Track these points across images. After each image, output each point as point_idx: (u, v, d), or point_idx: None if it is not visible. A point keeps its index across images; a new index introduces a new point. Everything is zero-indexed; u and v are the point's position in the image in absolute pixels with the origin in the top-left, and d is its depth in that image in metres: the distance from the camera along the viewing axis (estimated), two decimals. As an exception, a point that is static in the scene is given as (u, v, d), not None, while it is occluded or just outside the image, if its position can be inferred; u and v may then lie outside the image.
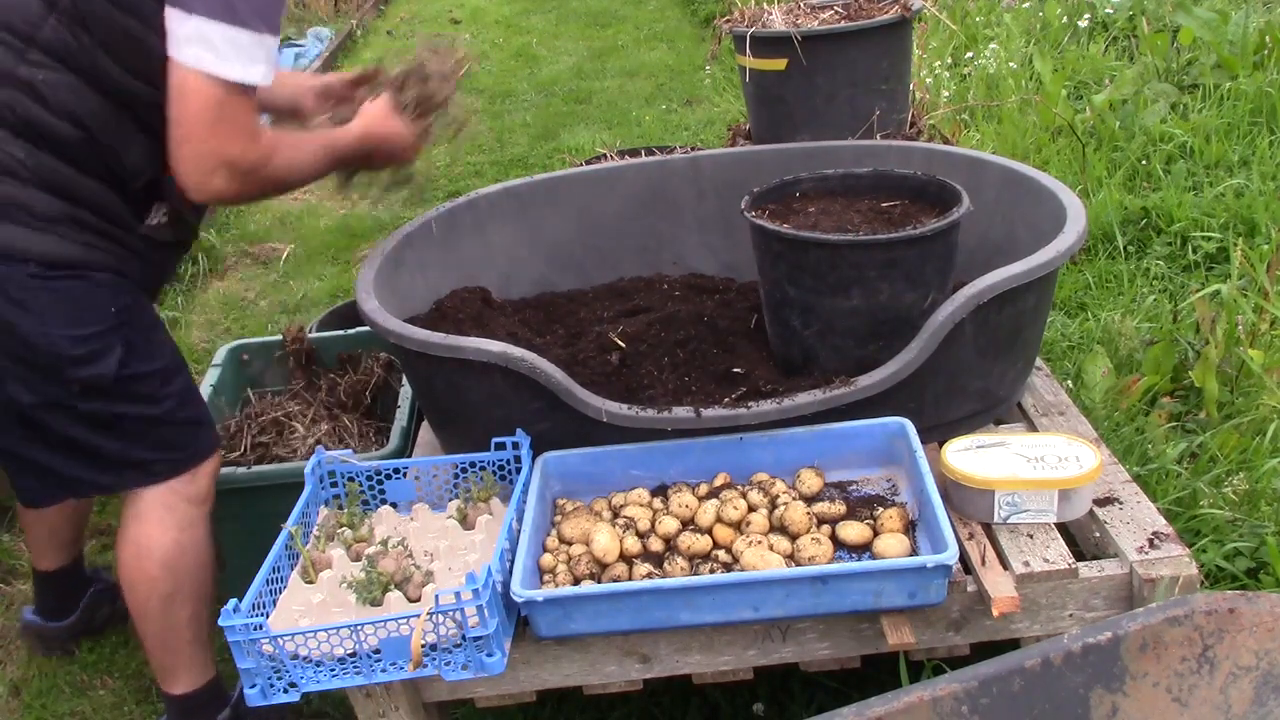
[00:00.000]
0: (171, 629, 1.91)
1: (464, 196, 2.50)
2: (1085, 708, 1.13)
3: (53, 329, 1.72)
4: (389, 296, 2.06)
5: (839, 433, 1.81)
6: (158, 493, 1.89)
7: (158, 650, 1.95)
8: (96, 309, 1.77)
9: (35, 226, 1.70)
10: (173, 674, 1.97)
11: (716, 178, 2.47)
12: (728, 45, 3.47)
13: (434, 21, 8.32)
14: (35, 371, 1.75)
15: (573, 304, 2.39)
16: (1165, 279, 3.17)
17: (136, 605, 1.92)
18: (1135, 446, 2.34)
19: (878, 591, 1.53)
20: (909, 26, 2.81)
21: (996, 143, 3.95)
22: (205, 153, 1.68)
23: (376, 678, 1.55)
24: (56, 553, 2.26)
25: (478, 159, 5.36)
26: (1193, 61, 4.32)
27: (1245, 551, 2.07)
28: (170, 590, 1.89)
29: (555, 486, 1.86)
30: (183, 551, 1.90)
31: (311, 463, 1.89)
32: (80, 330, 1.74)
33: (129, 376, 1.80)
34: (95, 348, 1.76)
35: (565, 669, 1.68)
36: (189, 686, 1.97)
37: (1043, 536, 1.67)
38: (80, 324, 1.74)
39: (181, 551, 1.90)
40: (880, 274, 1.79)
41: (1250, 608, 1.12)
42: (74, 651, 2.36)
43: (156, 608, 1.90)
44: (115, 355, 1.77)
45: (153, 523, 1.88)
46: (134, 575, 1.90)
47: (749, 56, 2.80)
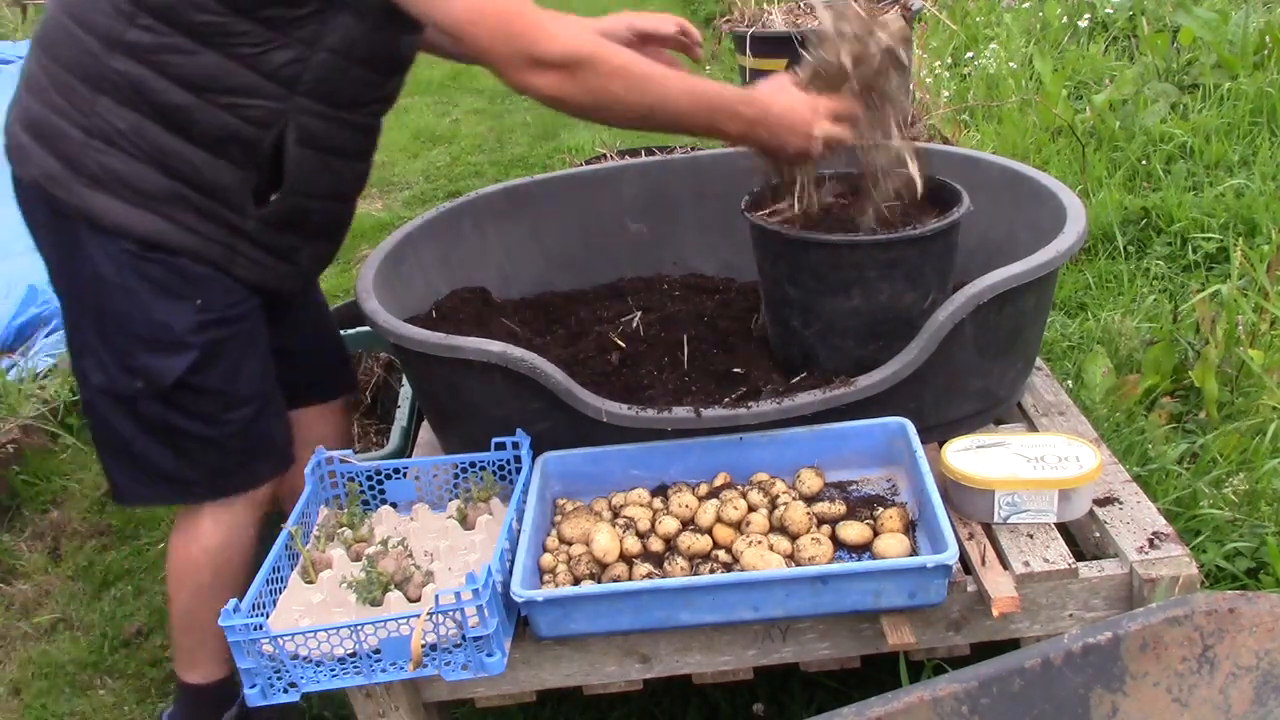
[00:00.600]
0: (200, 618, 1.90)
1: (464, 196, 2.50)
2: (1085, 708, 1.13)
3: (133, 312, 1.69)
4: (389, 296, 2.06)
5: (839, 433, 1.81)
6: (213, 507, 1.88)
7: (183, 636, 1.95)
8: (181, 303, 1.71)
9: (136, 202, 1.65)
10: (191, 662, 1.96)
11: (716, 178, 2.47)
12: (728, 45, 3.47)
13: (434, 21, 8.31)
14: (107, 351, 1.71)
15: (573, 304, 2.39)
16: (1165, 279, 3.17)
17: (172, 589, 1.92)
18: (1135, 446, 2.34)
19: (878, 591, 1.53)
20: (909, 27, 2.81)
21: (996, 143, 3.95)
22: (501, 54, 1.55)
23: (376, 678, 1.55)
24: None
25: (478, 159, 5.37)
26: (1193, 61, 4.32)
27: (1245, 551, 2.07)
28: (209, 582, 1.88)
29: (555, 486, 1.86)
30: (229, 549, 1.89)
31: (311, 463, 1.89)
32: (159, 318, 1.69)
33: (192, 387, 1.74)
34: (168, 341, 1.70)
35: (565, 669, 1.68)
36: (204, 678, 1.97)
37: (1043, 536, 1.67)
38: (161, 312, 1.69)
39: (228, 548, 1.89)
40: (880, 274, 1.79)
41: (1250, 608, 1.12)
42: None
43: (190, 595, 1.89)
44: (185, 359, 1.71)
45: (206, 517, 1.87)
46: (179, 559, 1.89)
47: (749, 56, 2.80)
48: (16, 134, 1.73)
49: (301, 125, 1.69)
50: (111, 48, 1.62)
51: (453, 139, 5.72)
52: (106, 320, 1.71)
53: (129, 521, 2.87)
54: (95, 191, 1.65)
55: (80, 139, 1.65)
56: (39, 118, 1.69)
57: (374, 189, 5.13)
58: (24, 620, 2.56)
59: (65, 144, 1.66)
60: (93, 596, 2.63)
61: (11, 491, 2.97)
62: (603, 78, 1.58)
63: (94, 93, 1.64)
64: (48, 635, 2.52)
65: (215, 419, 1.80)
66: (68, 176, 1.66)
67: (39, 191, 1.70)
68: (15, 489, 2.97)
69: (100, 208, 1.66)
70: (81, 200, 1.66)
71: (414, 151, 5.60)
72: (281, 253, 1.81)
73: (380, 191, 5.12)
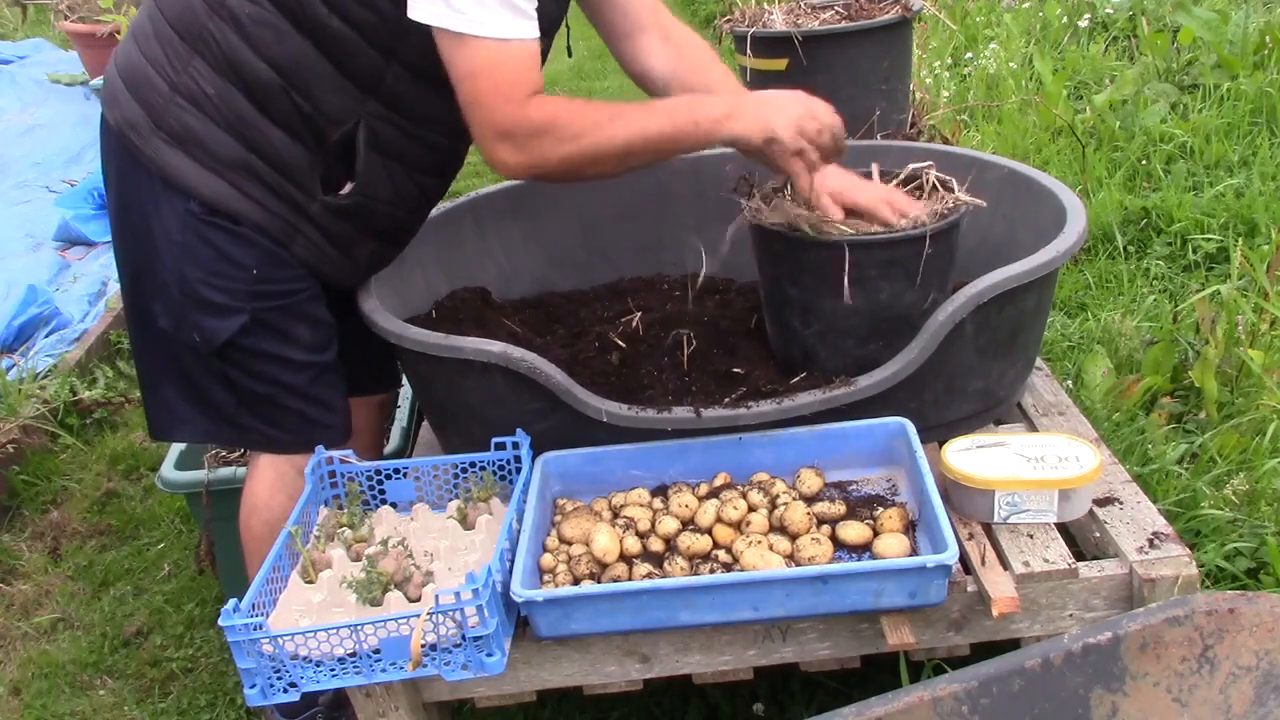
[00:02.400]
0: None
1: (464, 196, 2.50)
2: (1085, 708, 1.13)
3: (189, 271, 1.71)
4: (389, 296, 2.06)
5: (839, 433, 1.81)
6: (271, 459, 1.90)
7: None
8: (239, 268, 1.72)
9: (208, 165, 1.68)
10: None
11: (716, 178, 2.47)
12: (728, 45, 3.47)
13: (434, 21, 8.31)
14: (170, 303, 1.75)
15: (573, 304, 2.39)
16: (1165, 279, 3.17)
17: (247, 556, 1.94)
18: (1135, 446, 2.34)
19: (878, 591, 1.53)
20: (909, 26, 2.81)
21: (996, 143, 3.95)
22: (478, 119, 1.63)
23: (376, 678, 1.55)
24: None
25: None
26: (1193, 61, 4.32)
27: (1245, 551, 2.07)
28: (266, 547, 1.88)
29: (555, 486, 1.86)
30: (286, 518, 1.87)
31: (311, 463, 1.89)
32: (214, 281, 1.72)
33: (246, 350, 1.77)
34: (220, 304, 1.73)
35: (565, 669, 1.68)
36: None
37: (1043, 536, 1.67)
38: (217, 275, 1.71)
39: (285, 517, 1.87)
40: (880, 273, 1.79)
41: (1250, 608, 1.12)
42: None
43: (255, 564, 1.89)
44: (237, 321, 1.73)
45: (264, 484, 1.90)
46: (243, 530, 1.93)
47: (749, 56, 2.80)
48: (113, 77, 1.77)
49: (372, 129, 1.72)
50: (214, 10, 1.65)
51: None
52: (167, 273, 1.73)
53: (129, 521, 2.87)
54: (172, 148, 1.69)
55: (166, 93, 1.68)
56: (135, 64, 1.72)
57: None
58: (24, 620, 2.56)
59: (152, 95, 1.69)
60: (93, 596, 2.63)
61: (11, 491, 2.97)
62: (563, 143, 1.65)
63: (190, 52, 1.67)
64: (48, 635, 2.52)
65: (270, 378, 1.83)
66: (149, 128, 1.69)
67: (119, 138, 1.73)
68: (15, 489, 2.97)
69: (173, 165, 1.69)
70: (156, 153, 1.69)
71: (414, 151, 5.60)
72: (341, 243, 1.84)
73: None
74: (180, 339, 1.77)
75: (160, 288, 1.76)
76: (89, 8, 4.95)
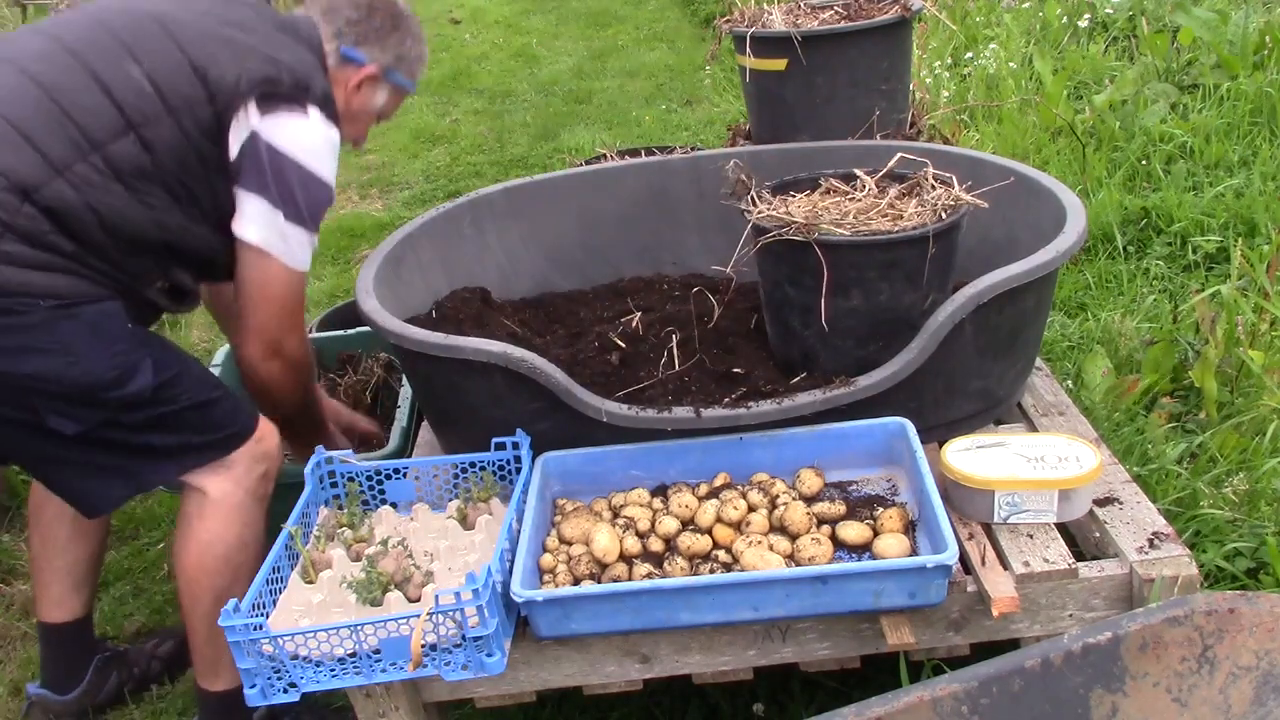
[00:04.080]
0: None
1: (464, 196, 2.50)
2: (1085, 708, 1.13)
3: (83, 359, 1.73)
4: (389, 296, 2.06)
5: (839, 433, 1.81)
6: (225, 489, 1.89)
7: (205, 645, 1.94)
8: (117, 329, 1.78)
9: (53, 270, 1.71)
10: (214, 670, 1.96)
11: (716, 178, 2.47)
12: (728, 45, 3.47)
13: (434, 21, 8.32)
14: (73, 404, 1.75)
15: (573, 304, 2.39)
16: (1165, 279, 3.17)
17: (192, 599, 1.91)
18: (1135, 446, 2.34)
19: (878, 591, 1.53)
20: (909, 26, 2.81)
21: (996, 143, 3.95)
22: (270, 338, 1.91)
23: (376, 678, 1.55)
24: (69, 596, 2.14)
25: (478, 159, 5.37)
26: (1193, 61, 4.32)
27: (1245, 551, 2.07)
28: (227, 584, 1.88)
29: (555, 486, 1.86)
30: (244, 547, 1.90)
31: (311, 463, 1.89)
32: (109, 351, 1.75)
33: (164, 384, 1.81)
34: (128, 365, 1.76)
35: (565, 669, 1.68)
36: (230, 684, 1.96)
37: (1043, 536, 1.67)
38: (108, 345, 1.75)
39: (243, 546, 1.90)
40: (880, 274, 1.79)
41: (1250, 608, 1.12)
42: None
43: (211, 602, 1.88)
44: (149, 369, 1.78)
45: (218, 519, 1.89)
46: (194, 570, 1.90)
47: (749, 56, 2.80)
48: None
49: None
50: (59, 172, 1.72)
51: (453, 139, 5.72)
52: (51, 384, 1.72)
53: (129, 522, 2.87)
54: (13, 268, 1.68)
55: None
56: None
57: (374, 189, 5.13)
58: (24, 620, 2.55)
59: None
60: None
61: (11, 491, 2.96)
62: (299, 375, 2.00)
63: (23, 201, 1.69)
64: (48, 635, 2.51)
65: (191, 390, 1.86)
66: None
67: None
68: (15, 489, 2.97)
69: (19, 280, 1.68)
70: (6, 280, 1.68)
71: (414, 151, 5.60)
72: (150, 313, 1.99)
73: (380, 191, 5.12)
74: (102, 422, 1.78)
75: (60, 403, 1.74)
76: (89, 8, 4.96)
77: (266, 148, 1.80)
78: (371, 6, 2.03)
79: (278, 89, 1.81)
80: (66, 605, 2.15)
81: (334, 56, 1.99)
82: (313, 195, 1.86)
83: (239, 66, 1.79)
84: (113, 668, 2.24)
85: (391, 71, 2.06)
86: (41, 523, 2.13)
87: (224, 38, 1.83)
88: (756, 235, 1.88)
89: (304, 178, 1.84)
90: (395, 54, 2.05)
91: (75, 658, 2.20)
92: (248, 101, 1.79)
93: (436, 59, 7.26)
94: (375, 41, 2.02)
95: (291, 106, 1.82)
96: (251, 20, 1.89)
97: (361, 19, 2.01)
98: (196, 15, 1.86)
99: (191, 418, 1.86)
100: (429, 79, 6.74)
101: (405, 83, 2.10)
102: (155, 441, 1.84)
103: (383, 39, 2.03)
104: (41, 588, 2.15)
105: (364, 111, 2.06)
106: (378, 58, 2.03)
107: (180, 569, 1.92)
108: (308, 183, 1.84)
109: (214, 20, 1.86)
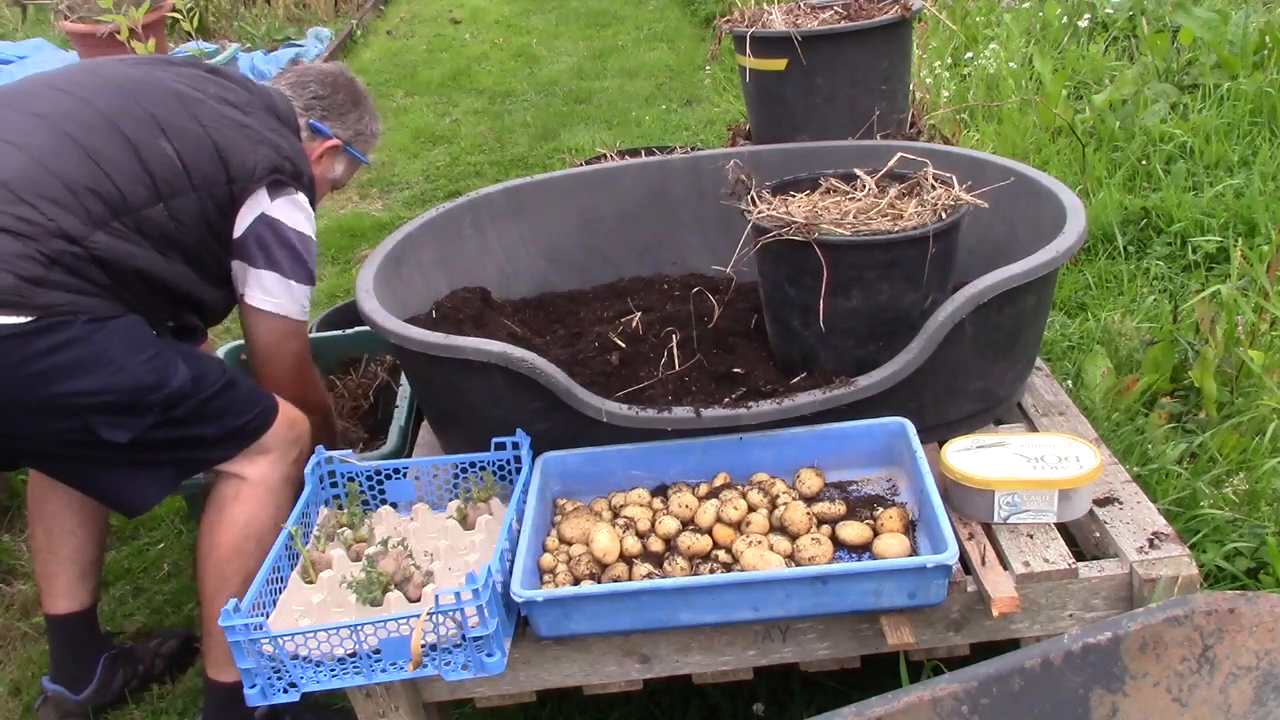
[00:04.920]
0: None
1: (464, 196, 2.50)
2: (1085, 708, 1.13)
3: (124, 364, 1.79)
4: (389, 296, 2.06)
5: (839, 433, 1.81)
6: (261, 472, 1.96)
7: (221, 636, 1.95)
8: (144, 337, 1.87)
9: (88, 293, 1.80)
10: (228, 661, 1.94)
11: (716, 178, 2.47)
12: (728, 45, 3.47)
13: (434, 21, 8.32)
14: (122, 413, 1.81)
15: (573, 304, 2.39)
16: (1165, 279, 3.17)
17: (220, 580, 1.94)
18: (1135, 446, 2.34)
19: (878, 591, 1.53)
20: (909, 26, 2.81)
21: (996, 143, 3.95)
22: (294, 394, 2.07)
23: (376, 678, 1.55)
24: (76, 586, 2.18)
25: (478, 159, 5.37)
26: (1193, 61, 4.32)
27: (1245, 551, 2.07)
28: (256, 567, 1.86)
29: (555, 486, 1.86)
30: (275, 529, 1.92)
31: (311, 463, 1.89)
32: (143, 355, 1.83)
33: (198, 375, 1.90)
34: (162, 364, 1.85)
35: (565, 669, 1.68)
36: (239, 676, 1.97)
37: (1043, 536, 1.67)
38: (141, 350, 1.83)
39: (275, 529, 1.92)
40: (880, 274, 1.79)
41: (1250, 608, 1.12)
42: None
43: (238, 584, 1.90)
44: (181, 364, 1.87)
45: (254, 501, 1.95)
46: (227, 552, 1.94)
47: (749, 56, 2.80)
48: None
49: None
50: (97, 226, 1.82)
51: (453, 139, 5.72)
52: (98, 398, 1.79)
53: (129, 521, 2.87)
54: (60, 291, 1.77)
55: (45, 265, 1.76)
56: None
57: (374, 189, 5.13)
58: (24, 620, 2.56)
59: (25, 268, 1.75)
60: (93, 596, 2.63)
61: (12, 491, 2.96)
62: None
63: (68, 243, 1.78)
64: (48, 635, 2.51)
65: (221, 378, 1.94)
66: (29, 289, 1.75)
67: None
68: (15, 489, 2.97)
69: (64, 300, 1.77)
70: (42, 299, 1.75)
71: (414, 151, 5.60)
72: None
73: (380, 192, 5.12)
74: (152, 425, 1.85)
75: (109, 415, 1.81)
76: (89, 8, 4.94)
77: (277, 226, 2.01)
78: (336, 84, 2.24)
79: (283, 175, 2.01)
80: (74, 594, 2.18)
81: (305, 130, 2.18)
82: (311, 256, 2.08)
83: (255, 154, 1.98)
84: (119, 665, 2.26)
85: (350, 146, 2.26)
86: (45, 515, 2.16)
87: (236, 122, 2.00)
88: (756, 235, 1.88)
89: (305, 244, 2.05)
90: (354, 130, 2.27)
91: (85, 652, 2.22)
92: (260, 187, 1.98)
93: (436, 59, 7.26)
94: (338, 117, 2.23)
95: (291, 190, 2.03)
96: (246, 101, 2.06)
97: (327, 95, 2.22)
98: (207, 96, 2.02)
99: (227, 399, 1.94)
100: (429, 79, 6.75)
101: (361, 157, 2.29)
102: (206, 431, 1.92)
103: (344, 115, 2.24)
104: (48, 580, 2.18)
105: (323, 180, 2.24)
106: (339, 132, 2.23)
107: (212, 551, 1.96)
108: (308, 247, 2.06)
109: (219, 101, 2.02)
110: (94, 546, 2.20)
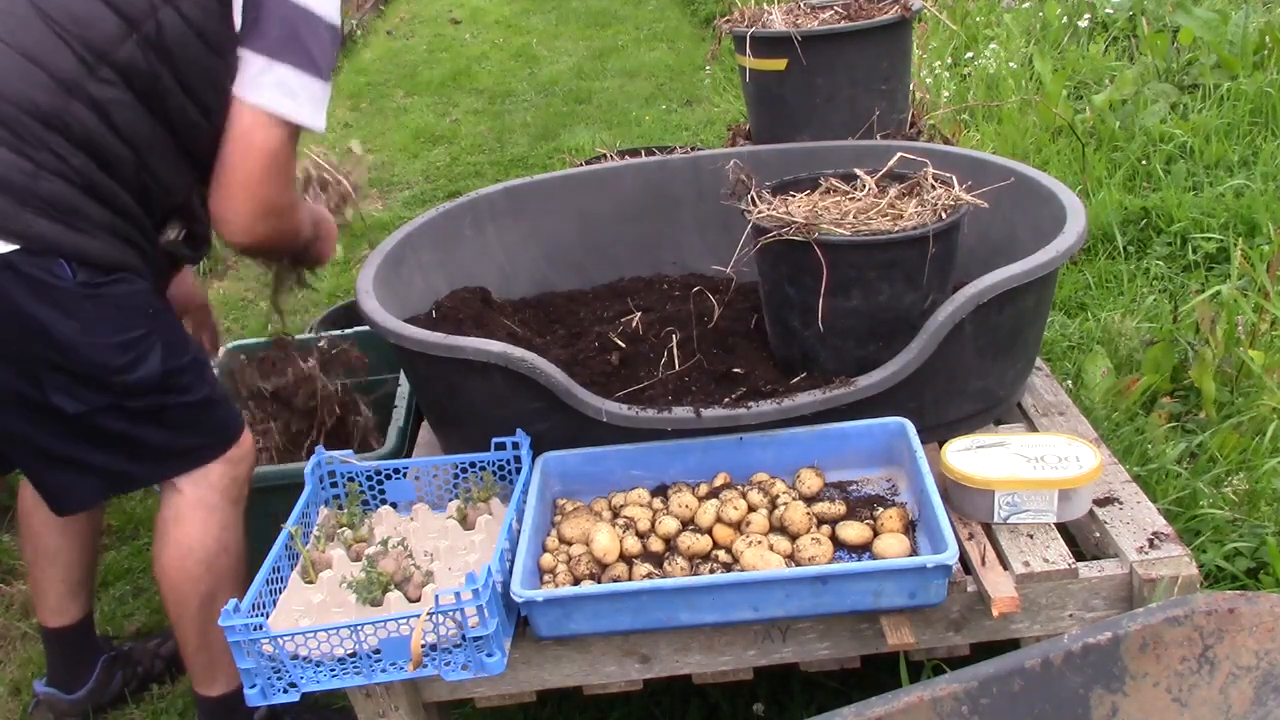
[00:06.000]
0: (211, 629, 1.86)
1: (464, 196, 2.50)
2: (1085, 708, 1.13)
3: (98, 337, 1.72)
4: (389, 296, 2.06)
5: (839, 433, 1.81)
6: (199, 493, 1.88)
7: (197, 652, 1.93)
8: (138, 311, 1.78)
9: (86, 230, 1.71)
10: (210, 675, 1.96)
11: (716, 178, 2.47)
12: (728, 45, 3.47)
13: (434, 21, 8.32)
14: (78, 380, 1.73)
15: (573, 304, 2.39)
16: (1165, 279, 3.17)
17: (178, 605, 1.91)
18: (1135, 446, 2.34)
19: (878, 591, 1.53)
20: (909, 26, 2.81)
21: (996, 143, 3.95)
22: (261, 198, 1.79)
23: (376, 678, 1.55)
24: (66, 601, 2.14)
25: (478, 159, 5.37)
26: (1193, 61, 4.32)
27: (1245, 551, 2.07)
28: (211, 590, 1.88)
29: (555, 486, 1.86)
30: (224, 550, 1.89)
31: (311, 463, 1.89)
32: (125, 335, 1.75)
33: (171, 370, 1.81)
34: (140, 351, 1.76)
35: (565, 669, 1.68)
36: (227, 687, 1.96)
37: (1043, 536, 1.67)
38: (125, 329, 1.75)
39: (223, 550, 1.89)
40: (880, 274, 1.79)
41: (1250, 608, 1.12)
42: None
43: (197, 608, 1.88)
44: (158, 354, 1.78)
45: (195, 523, 1.88)
46: (176, 576, 1.89)
47: (749, 56, 2.80)
48: None
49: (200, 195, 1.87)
50: (73, 93, 1.67)
51: (453, 139, 5.72)
52: (74, 359, 1.72)
53: (129, 521, 2.87)
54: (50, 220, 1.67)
55: (31, 170, 1.66)
56: None
57: (374, 189, 5.13)
58: (24, 620, 2.56)
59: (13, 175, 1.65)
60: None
61: (12, 491, 2.96)
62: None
63: (46, 129, 1.67)
64: (48, 635, 2.51)
65: (193, 386, 1.86)
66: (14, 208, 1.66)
67: None
68: (15, 489, 2.97)
69: (53, 235, 1.67)
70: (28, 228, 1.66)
71: (414, 151, 5.60)
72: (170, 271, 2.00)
73: (380, 192, 5.12)
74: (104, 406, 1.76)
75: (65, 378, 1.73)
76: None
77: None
78: None
79: None
80: (65, 611, 2.15)
81: None
82: (322, 40, 1.77)
83: None
84: (118, 666, 2.25)
85: None
86: (31, 530, 2.12)
87: None
88: (756, 235, 1.88)
89: (312, 24, 1.75)
90: None
91: (80, 658, 2.21)
92: None
93: (436, 59, 7.26)
94: None
95: None
96: None
97: None
98: None
99: (188, 416, 1.85)
100: (429, 79, 6.75)
101: None
102: (150, 437, 1.82)
103: None
104: (39, 595, 2.16)
105: None
106: None
107: (162, 576, 1.91)
108: (316, 29, 1.75)
109: None
110: (80, 565, 2.15)
